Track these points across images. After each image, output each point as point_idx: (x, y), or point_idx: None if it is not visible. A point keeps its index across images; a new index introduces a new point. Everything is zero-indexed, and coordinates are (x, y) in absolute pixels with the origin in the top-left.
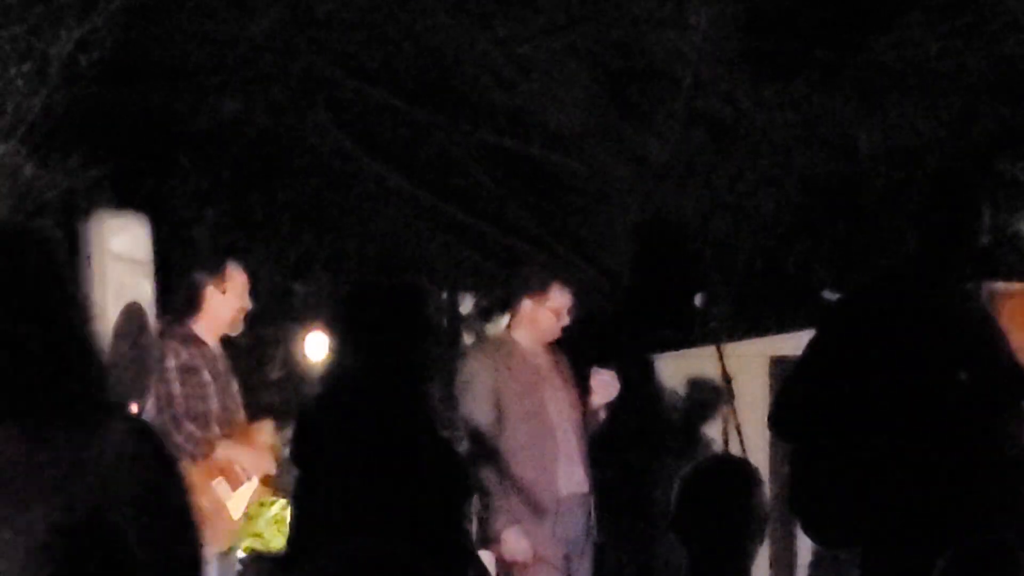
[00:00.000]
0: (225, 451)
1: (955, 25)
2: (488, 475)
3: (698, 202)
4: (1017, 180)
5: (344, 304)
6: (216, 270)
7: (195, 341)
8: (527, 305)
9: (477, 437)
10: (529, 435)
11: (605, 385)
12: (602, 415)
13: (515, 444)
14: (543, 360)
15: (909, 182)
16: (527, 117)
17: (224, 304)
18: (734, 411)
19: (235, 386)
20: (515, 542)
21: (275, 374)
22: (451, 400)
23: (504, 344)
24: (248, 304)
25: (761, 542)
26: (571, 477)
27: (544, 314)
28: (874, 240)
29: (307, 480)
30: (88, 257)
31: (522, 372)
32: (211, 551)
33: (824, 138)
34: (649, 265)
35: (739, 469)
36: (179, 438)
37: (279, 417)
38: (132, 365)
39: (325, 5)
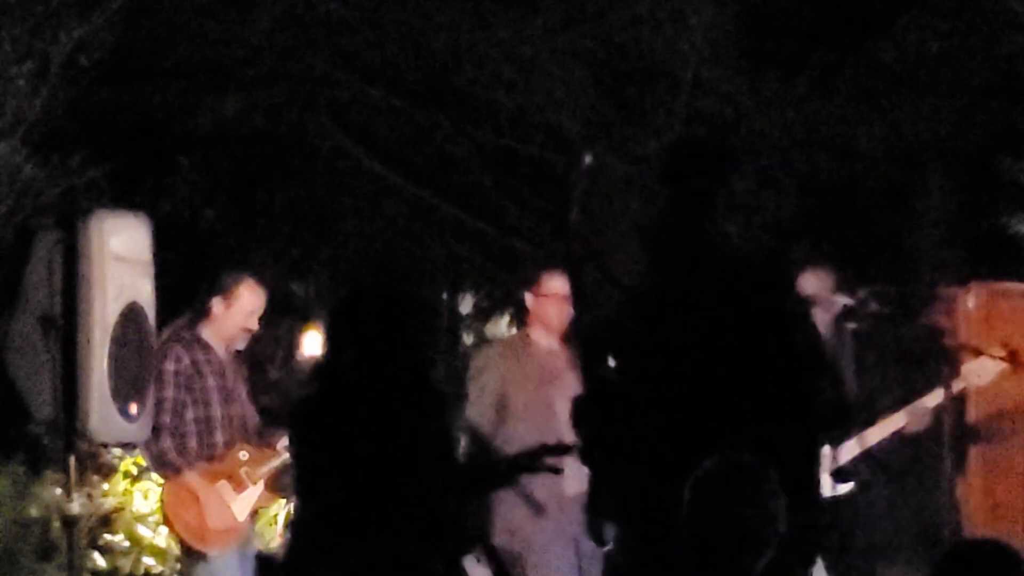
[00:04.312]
0: (192, 480)
1: (955, 25)
2: (484, 462)
3: None
4: (1017, 180)
5: (340, 310)
6: (225, 286)
7: (202, 346)
8: (529, 299)
9: (476, 431)
10: (533, 431)
11: None
12: None
13: (517, 439)
14: (559, 358)
15: (909, 182)
16: (527, 117)
17: (227, 318)
18: None
19: (244, 393)
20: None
21: (275, 374)
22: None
23: (519, 341)
24: (254, 326)
25: (772, 546)
26: (577, 476)
27: (544, 302)
28: (874, 240)
29: (306, 479)
30: (88, 257)
31: (532, 368)
32: (216, 552)
33: (824, 138)
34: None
35: (751, 471)
36: (154, 449)
37: (278, 418)
38: (132, 367)
39: (325, 5)
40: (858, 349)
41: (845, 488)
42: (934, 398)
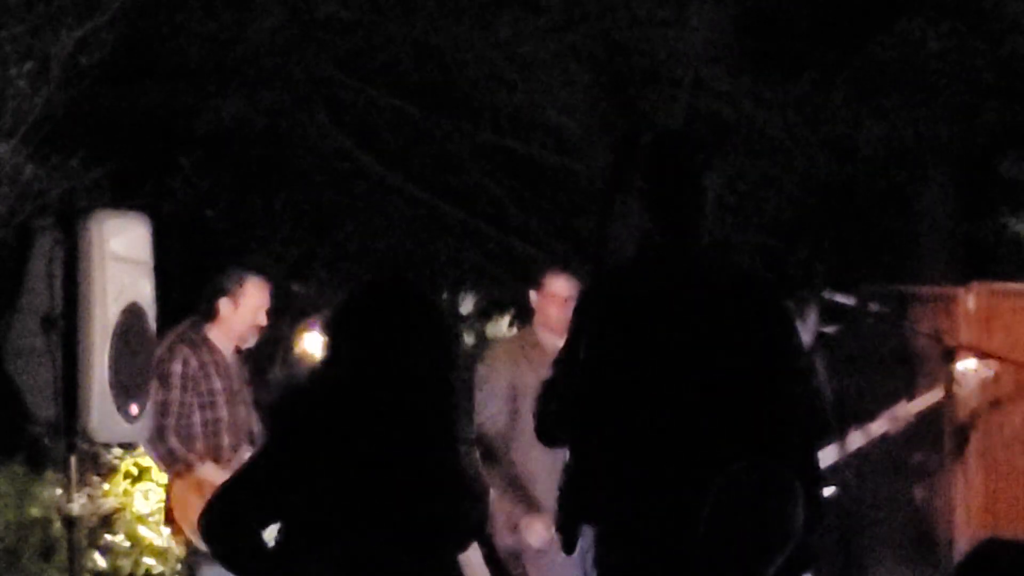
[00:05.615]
0: (206, 472)
1: (955, 25)
2: (496, 471)
3: None
4: (1017, 180)
5: (352, 304)
6: (232, 283)
7: (209, 348)
8: (534, 299)
9: (487, 432)
10: None
11: None
12: None
13: (530, 438)
14: None
15: (909, 182)
16: (527, 117)
17: (236, 317)
18: None
19: (248, 395)
20: (537, 530)
21: (274, 376)
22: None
23: (525, 339)
24: (263, 321)
25: (789, 548)
26: None
27: (547, 303)
28: (874, 240)
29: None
30: (88, 257)
31: (541, 366)
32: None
33: (824, 138)
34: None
35: (772, 474)
36: (162, 449)
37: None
38: (132, 367)
39: (325, 6)
40: (838, 354)
41: (827, 492)
42: (917, 405)
